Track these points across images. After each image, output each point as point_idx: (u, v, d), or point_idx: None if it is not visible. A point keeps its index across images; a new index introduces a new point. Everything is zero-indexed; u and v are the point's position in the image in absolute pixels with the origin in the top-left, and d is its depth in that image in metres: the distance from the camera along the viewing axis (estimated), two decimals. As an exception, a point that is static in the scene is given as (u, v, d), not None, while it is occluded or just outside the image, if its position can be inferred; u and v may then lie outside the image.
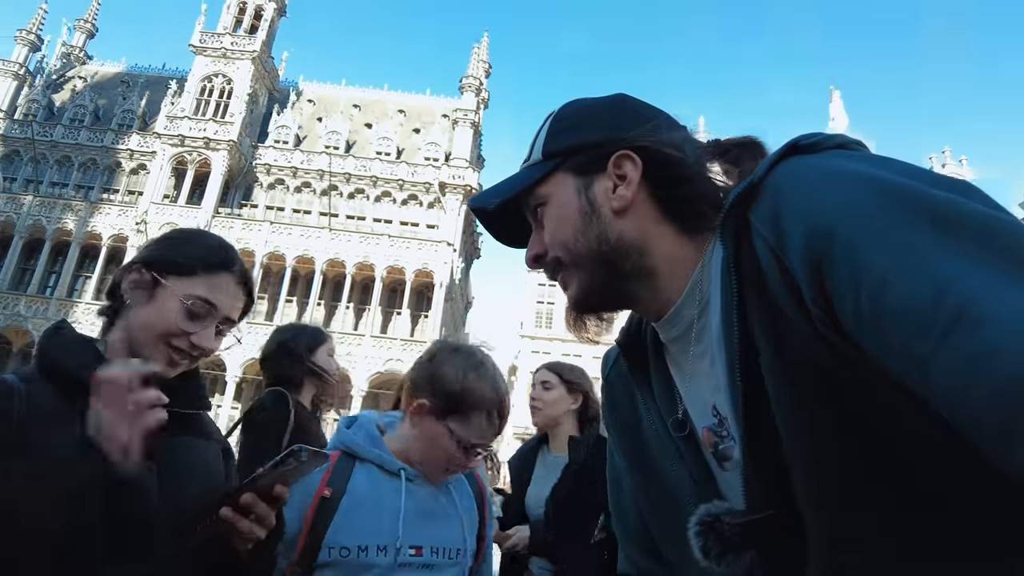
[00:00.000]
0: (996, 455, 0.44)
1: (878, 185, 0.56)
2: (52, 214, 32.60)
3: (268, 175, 35.64)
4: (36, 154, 34.61)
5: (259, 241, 32.02)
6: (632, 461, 0.87)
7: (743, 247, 0.65)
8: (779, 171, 0.64)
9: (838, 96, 37.44)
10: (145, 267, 1.19)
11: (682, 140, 0.77)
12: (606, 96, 0.83)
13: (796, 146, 0.65)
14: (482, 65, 38.48)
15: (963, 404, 0.46)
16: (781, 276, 0.60)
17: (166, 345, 1.16)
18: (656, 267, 0.76)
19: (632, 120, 0.78)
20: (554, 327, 35.73)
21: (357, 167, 35.70)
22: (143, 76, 39.71)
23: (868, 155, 0.63)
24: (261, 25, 36.75)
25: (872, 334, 0.52)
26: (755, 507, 0.68)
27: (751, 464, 0.68)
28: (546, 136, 0.81)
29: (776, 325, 0.62)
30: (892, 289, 0.50)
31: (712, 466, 0.76)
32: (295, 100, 38.36)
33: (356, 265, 32.16)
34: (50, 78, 38.94)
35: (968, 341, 0.45)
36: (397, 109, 38.99)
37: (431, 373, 1.51)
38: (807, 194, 0.59)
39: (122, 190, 35.00)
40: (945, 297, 0.47)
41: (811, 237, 0.57)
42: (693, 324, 0.75)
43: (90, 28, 42.20)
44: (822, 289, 0.56)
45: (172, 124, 34.23)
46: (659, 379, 0.82)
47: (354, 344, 30.72)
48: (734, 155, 0.79)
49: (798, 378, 0.61)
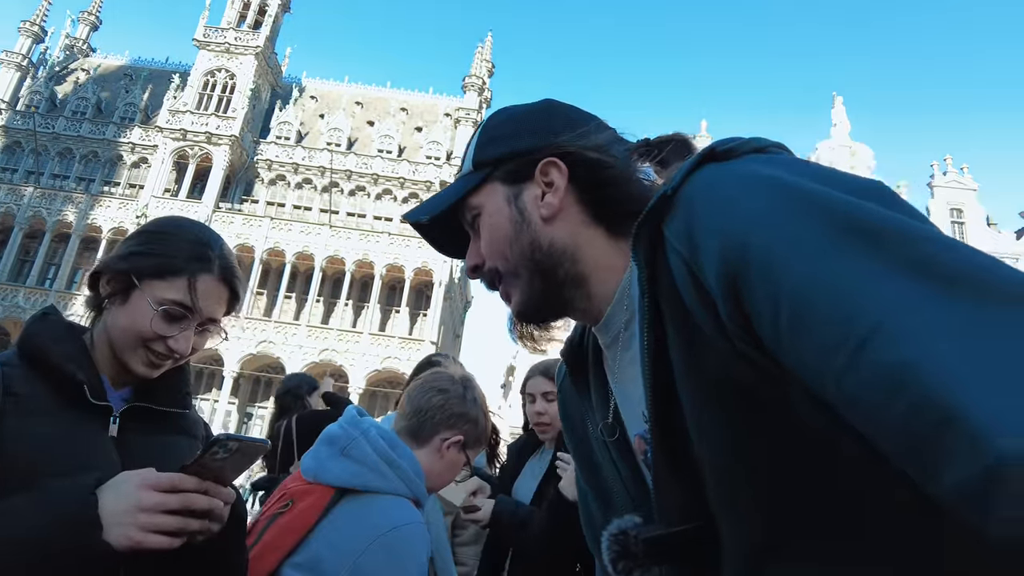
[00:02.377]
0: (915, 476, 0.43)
1: (792, 193, 0.54)
2: (53, 206, 32.63)
3: (269, 171, 35.65)
4: (38, 145, 34.61)
5: (259, 237, 32.03)
6: (584, 472, 0.88)
7: (659, 260, 0.63)
8: (693, 181, 0.61)
9: (840, 102, 37.45)
10: (120, 271, 1.14)
11: (608, 142, 0.78)
12: (535, 103, 0.83)
13: (712, 153, 0.63)
14: (485, 64, 38.51)
15: (878, 421, 0.44)
16: (696, 292, 0.58)
17: (144, 348, 1.13)
18: (587, 273, 0.77)
19: (559, 125, 0.78)
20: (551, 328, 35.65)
21: (358, 164, 35.71)
22: (146, 70, 39.79)
23: (785, 159, 0.61)
24: (265, 21, 36.80)
25: (790, 349, 0.50)
26: (667, 517, 0.68)
27: (665, 476, 0.67)
28: (475, 146, 0.82)
29: (693, 341, 0.60)
30: (807, 303, 0.48)
31: (646, 474, 0.76)
32: (297, 96, 38.39)
33: (356, 262, 32.17)
34: (53, 70, 38.95)
35: (882, 356, 0.43)
36: (399, 107, 39.04)
37: (465, 411, 1.58)
38: (719, 206, 0.57)
39: (123, 183, 35.02)
40: (860, 309, 0.45)
41: (725, 252, 0.54)
42: (621, 332, 0.75)
43: (94, 20, 42.23)
44: (739, 305, 0.53)
45: (174, 118, 34.26)
46: (597, 386, 0.82)
47: (352, 342, 30.72)
48: (662, 155, 0.79)
49: (716, 394, 0.59)
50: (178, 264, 1.14)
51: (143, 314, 1.11)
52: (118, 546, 0.90)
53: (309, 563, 1.28)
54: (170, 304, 1.12)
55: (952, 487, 0.39)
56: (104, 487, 0.95)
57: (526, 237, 0.77)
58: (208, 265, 1.17)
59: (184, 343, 1.14)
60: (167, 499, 0.95)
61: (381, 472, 1.39)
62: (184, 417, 1.25)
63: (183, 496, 0.96)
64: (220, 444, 0.96)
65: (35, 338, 1.11)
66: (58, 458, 1.01)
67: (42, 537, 0.88)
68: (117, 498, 0.93)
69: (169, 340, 1.13)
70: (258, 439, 1.02)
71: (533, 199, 0.77)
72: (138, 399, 1.16)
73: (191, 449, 1.19)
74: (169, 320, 1.13)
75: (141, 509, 0.93)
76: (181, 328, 1.14)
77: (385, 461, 1.40)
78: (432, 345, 30.20)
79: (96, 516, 0.90)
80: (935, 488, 0.41)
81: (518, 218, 0.77)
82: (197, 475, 0.98)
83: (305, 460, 1.46)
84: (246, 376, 31.70)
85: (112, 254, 1.19)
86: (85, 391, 1.07)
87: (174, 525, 0.95)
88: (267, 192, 35.54)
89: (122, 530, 0.91)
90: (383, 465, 1.39)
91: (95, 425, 1.09)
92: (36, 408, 1.03)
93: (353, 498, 1.36)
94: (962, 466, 0.38)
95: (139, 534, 0.92)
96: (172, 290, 1.13)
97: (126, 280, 1.13)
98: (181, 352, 1.14)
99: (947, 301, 0.43)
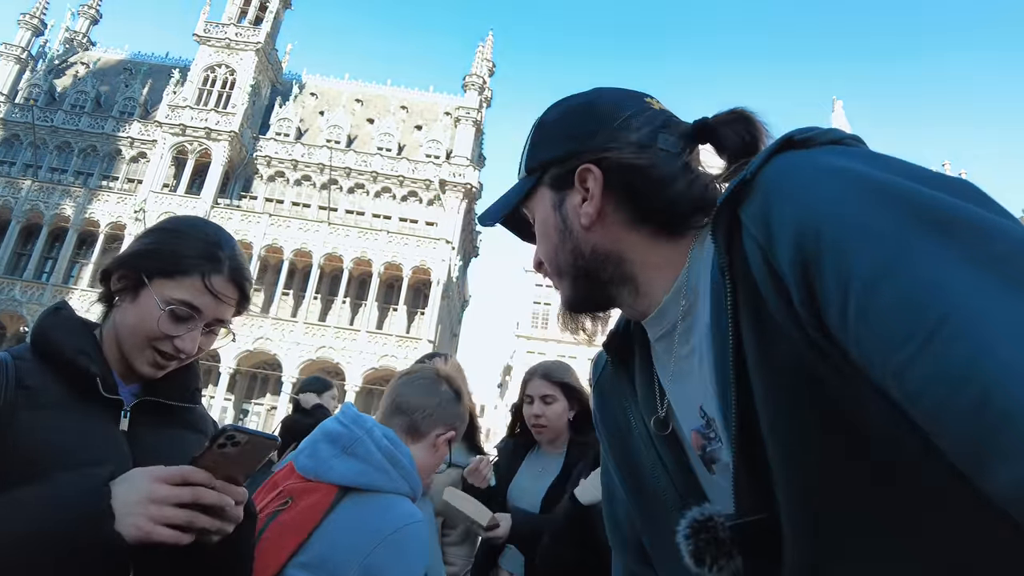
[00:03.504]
0: (971, 472, 0.43)
1: (868, 184, 0.53)
2: (50, 200, 32.49)
3: (268, 167, 35.57)
4: (36, 139, 34.47)
5: (257, 233, 31.95)
6: (621, 466, 0.86)
7: (735, 246, 0.63)
8: (771, 167, 0.61)
9: (840, 107, 37.51)
10: (131, 269, 1.14)
11: (649, 137, 0.75)
12: (582, 94, 0.82)
13: (790, 140, 0.63)
14: (486, 63, 38.44)
15: (939, 417, 0.44)
16: (770, 279, 0.58)
17: (151, 348, 1.13)
18: (634, 272, 0.77)
19: (598, 125, 0.77)
20: (550, 328, 35.70)
21: (358, 162, 35.64)
22: (146, 64, 39.62)
23: (863, 151, 0.60)
24: (266, 17, 36.67)
25: (857, 339, 0.50)
26: (745, 512, 0.66)
27: (743, 468, 0.65)
28: (528, 147, 0.82)
29: (766, 328, 0.60)
30: (877, 292, 0.48)
31: (698, 469, 0.75)
32: (297, 93, 38.28)
33: (354, 260, 32.11)
34: (52, 63, 38.78)
35: (949, 351, 0.43)
36: (400, 105, 38.96)
37: (458, 408, 1.65)
38: (796, 193, 0.57)
39: (121, 178, 34.90)
40: (929, 302, 0.45)
41: (799, 238, 0.54)
42: (677, 324, 0.74)
43: (94, 14, 42.08)
44: (811, 292, 0.54)
45: (174, 113, 34.14)
46: (643, 379, 0.81)
47: (349, 339, 30.68)
48: (720, 135, 0.77)
49: (787, 383, 0.59)
50: (188, 264, 1.14)
51: (151, 313, 1.11)
52: (128, 537, 0.91)
53: (315, 563, 1.27)
54: (177, 304, 1.12)
55: (1005, 484, 0.39)
56: (117, 480, 0.95)
57: (569, 244, 0.78)
58: (219, 266, 1.16)
59: (191, 343, 1.14)
60: (178, 492, 0.95)
61: (385, 471, 1.39)
62: (192, 412, 1.26)
63: (193, 489, 0.96)
64: (228, 435, 0.95)
65: (49, 332, 1.11)
66: (70, 452, 1.01)
67: (58, 530, 0.88)
68: (129, 490, 0.94)
69: (176, 340, 1.13)
70: (267, 434, 1.01)
71: (574, 207, 0.77)
72: (148, 394, 1.17)
73: (199, 444, 1.17)
74: (176, 320, 1.12)
75: (152, 501, 0.93)
76: (188, 328, 1.14)
77: (389, 460, 1.41)
78: (429, 343, 30.17)
79: (109, 508, 0.91)
80: (989, 484, 0.41)
81: (562, 226, 0.78)
82: (207, 469, 0.98)
83: (301, 458, 1.44)
84: (243, 372, 31.62)
85: (125, 250, 1.20)
86: (98, 384, 1.08)
87: (183, 518, 0.95)
88: (266, 188, 35.45)
89: (132, 520, 0.91)
90: (387, 464, 1.40)
91: (106, 419, 1.10)
92: (48, 402, 1.03)
93: (356, 497, 1.36)
94: (1016, 464, 0.38)
95: (148, 524, 0.92)
96: (180, 290, 1.13)
97: (136, 278, 1.14)
98: (187, 352, 1.14)
99: (1016, 299, 0.43)
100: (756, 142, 0.75)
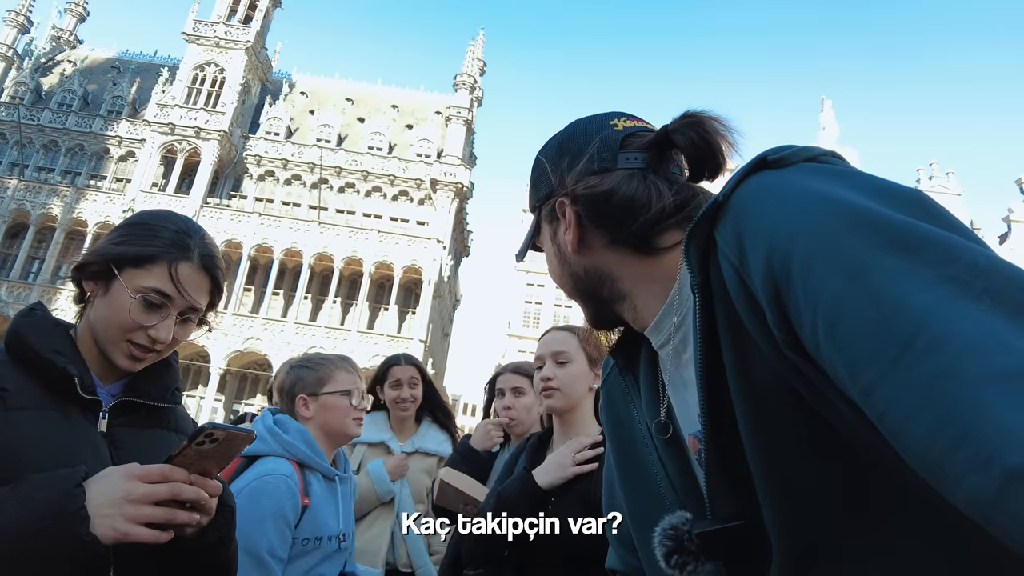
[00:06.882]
0: (937, 487, 0.43)
1: (837, 206, 0.54)
2: (37, 199, 32.17)
3: (258, 166, 35.37)
4: (22, 138, 34.12)
5: (247, 233, 31.79)
6: (622, 464, 0.89)
7: (711, 265, 0.65)
8: (743, 189, 0.62)
9: (829, 106, 37.74)
10: (100, 261, 1.14)
11: (611, 161, 0.80)
12: (561, 131, 0.89)
13: (764, 161, 0.64)
14: (477, 63, 38.40)
15: (907, 432, 0.45)
16: (745, 298, 0.59)
17: (125, 340, 1.13)
18: (628, 289, 0.81)
19: (570, 159, 0.84)
20: (541, 327, 35.75)
21: (348, 161, 35.50)
22: (134, 63, 39.28)
23: (836, 170, 0.61)
24: (256, 15, 36.44)
25: (828, 359, 0.51)
26: (720, 516, 0.69)
27: (717, 477, 0.69)
28: (529, 189, 0.92)
29: (744, 346, 0.62)
30: (845, 312, 0.49)
31: (698, 473, 0.77)
32: (288, 92, 38.09)
33: (344, 260, 32.00)
34: (39, 61, 38.38)
35: (917, 367, 0.44)
36: (390, 104, 38.85)
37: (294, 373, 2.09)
38: (766, 215, 0.58)
39: (110, 177, 34.59)
40: (897, 320, 0.46)
41: (770, 260, 0.56)
42: (672, 334, 0.77)
43: (81, 12, 41.70)
44: (783, 312, 0.55)
45: (162, 112, 33.88)
46: (647, 383, 0.84)
47: (340, 339, 30.56)
48: (675, 140, 0.79)
49: (764, 398, 0.61)
50: (156, 252, 1.14)
51: (123, 303, 1.11)
52: (105, 539, 0.90)
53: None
54: (148, 291, 1.12)
55: (965, 500, 0.41)
56: (91, 480, 0.95)
57: (568, 269, 0.86)
58: (187, 253, 1.17)
59: (165, 331, 1.14)
60: (155, 489, 0.95)
61: (264, 439, 1.89)
62: (173, 412, 1.25)
63: (172, 486, 0.96)
64: (207, 433, 0.96)
65: (24, 333, 1.11)
66: (47, 453, 1.01)
67: (31, 531, 0.88)
68: (104, 490, 0.93)
69: (149, 330, 1.13)
70: (244, 429, 1.02)
71: (563, 235, 0.84)
72: (127, 394, 1.16)
73: (179, 445, 1.19)
74: (149, 308, 1.12)
75: (128, 500, 0.93)
76: (161, 316, 1.14)
77: (268, 432, 1.90)
78: (420, 343, 30.14)
79: (83, 508, 0.90)
80: (953, 499, 0.42)
81: (559, 253, 0.86)
82: (183, 466, 0.98)
83: None
84: (233, 373, 31.46)
85: (95, 246, 1.20)
86: (76, 385, 1.07)
87: (162, 516, 0.94)
88: (256, 188, 35.24)
89: (109, 522, 0.90)
90: (266, 434, 1.89)
91: (84, 420, 1.09)
92: (24, 403, 1.03)
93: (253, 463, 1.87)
94: (975, 480, 0.39)
95: (125, 525, 0.91)
96: (150, 278, 1.13)
97: (106, 270, 1.13)
98: (162, 341, 1.14)
99: (981, 318, 0.44)
100: (708, 144, 0.78)
